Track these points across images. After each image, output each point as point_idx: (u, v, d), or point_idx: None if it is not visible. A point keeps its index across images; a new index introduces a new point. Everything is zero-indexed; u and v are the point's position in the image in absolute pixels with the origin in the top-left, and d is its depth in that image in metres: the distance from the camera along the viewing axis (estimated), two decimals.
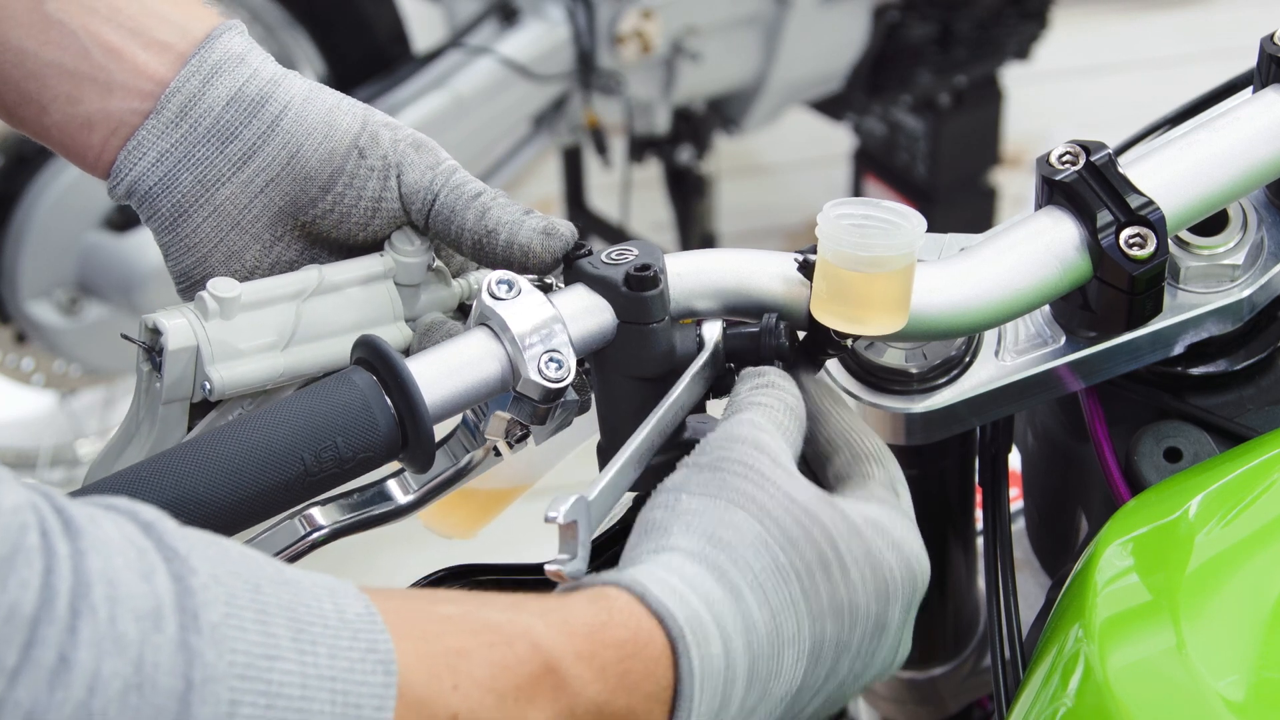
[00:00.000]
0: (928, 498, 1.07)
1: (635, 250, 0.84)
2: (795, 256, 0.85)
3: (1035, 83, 3.45)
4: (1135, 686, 0.78)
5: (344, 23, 2.64)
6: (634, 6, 2.62)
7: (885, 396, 0.93)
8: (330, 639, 0.62)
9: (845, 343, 0.84)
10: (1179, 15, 3.94)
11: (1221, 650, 0.77)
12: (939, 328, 0.86)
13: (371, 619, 0.64)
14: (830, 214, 0.80)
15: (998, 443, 1.01)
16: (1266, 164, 0.88)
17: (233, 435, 0.77)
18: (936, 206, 2.94)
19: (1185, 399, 0.95)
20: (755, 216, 3.36)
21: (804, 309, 0.84)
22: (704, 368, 0.84)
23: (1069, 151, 0.87)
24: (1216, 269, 0.92)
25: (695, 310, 0.85)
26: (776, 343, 0.84)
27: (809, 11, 2.75)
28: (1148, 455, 0.93)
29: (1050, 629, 0.86)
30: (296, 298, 0.87)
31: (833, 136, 3.30)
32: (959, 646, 1.17)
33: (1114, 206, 0.85)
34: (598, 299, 0.83)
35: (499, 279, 0.81)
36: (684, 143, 2.87)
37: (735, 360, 0.85)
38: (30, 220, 2.42)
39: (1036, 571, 1.12)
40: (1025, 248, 0.86)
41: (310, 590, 0.63)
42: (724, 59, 2.75)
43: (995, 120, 3.00)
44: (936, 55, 2.87)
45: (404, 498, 0.86)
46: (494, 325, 0.81)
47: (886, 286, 0.80)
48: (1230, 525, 0.84)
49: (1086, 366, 0.91)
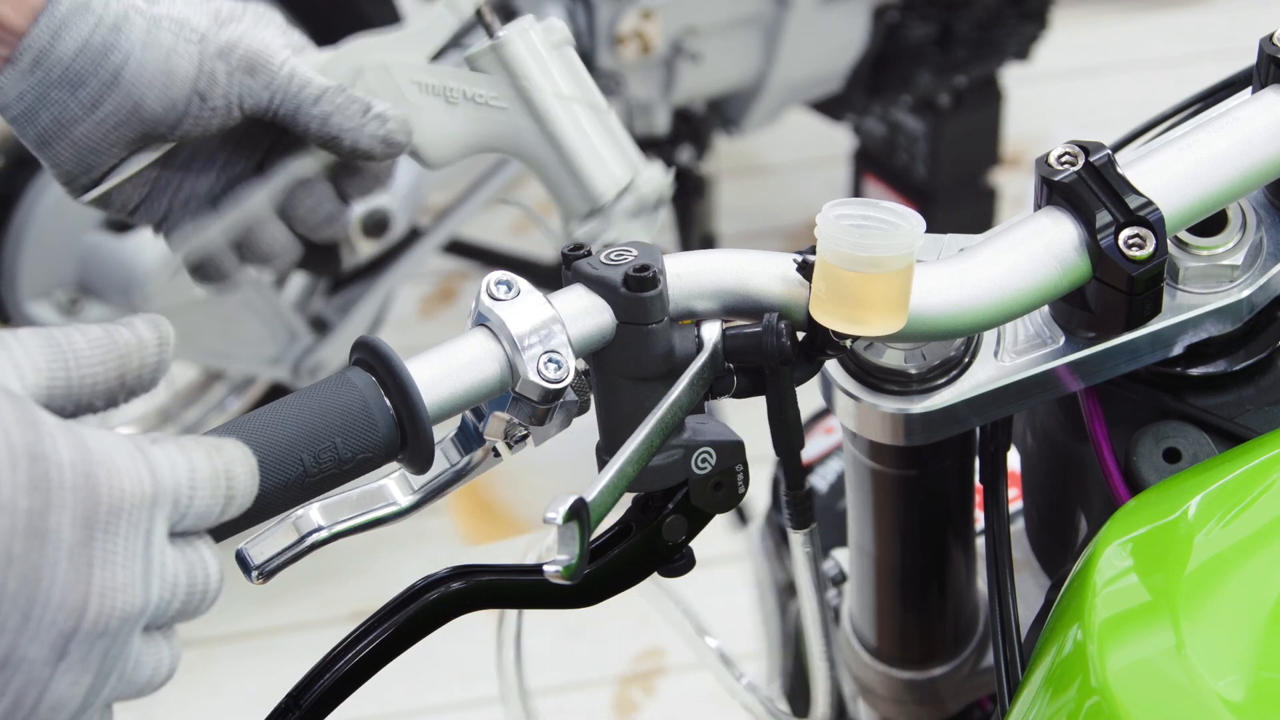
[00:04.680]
0: (927, 497, 1.07)
1: (634, 250, 0.84)
2: (794, 257, 0.85)
3: (1035, 83, 3.45)
4: (1135, 687, 0.78)
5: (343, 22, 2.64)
6: (633, 7, 2.62)
7: (884, 397, 0.93)
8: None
9: (844, 343, 0.84)
10: (1179, 15, 3.94)
11: (1221, 650, 0.77)
12: (938, 328, 0.86)
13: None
14: (829, 214, 0.80)
15: (997, 442, 1.01)
16: (1266, 165, 0.88)
17: (232, 436, 0.76)
18: (936, 207, 2.94)
19: (1185, 399, 0.95)
20: (755, 217, 3.36)
21: (803, 309, 0.84)
22: (703, 368, 0.84)
23: (1068, 152, 0.87)
24: (1216, 269, 0.92)
25: (694, 311, 0.85)
26: (777, 343, 0.84)
27: (809, 12, 2.75)
28: (1147, 456, 0.93)
29: (1050, 629, 0.86)
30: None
31: (832, 137, 3.30)
32: (959, 646, 1.17)
33: (1113, 207, 0.85)
34: (597, 299, 0.83)
35: (498, 280, 0.82)
36: (684, 143, 2.86)
37: (735, 360, 0.85)
38: (30, 220, 2.42)
39: (1036, 572, 1.12)
40: (1024, 248, 0.86)
41: None
42: (724, 59, 2.75)
43: (995, 121, 3.00)
44: (936, 56, 2.87)
45: (404, 499, 0.86)
46: (492, 326, 0.81)
47: (885, 287, 0.80)
48: (1230, 526, 0.84)
49: (1086, 367, 0.91)
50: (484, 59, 1.00)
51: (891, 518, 1.08)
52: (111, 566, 0.64)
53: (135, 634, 0.66)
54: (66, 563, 0.63)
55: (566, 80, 1.01)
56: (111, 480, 0.65)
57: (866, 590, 1.14)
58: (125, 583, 0.65)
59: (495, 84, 1.00)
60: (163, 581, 0.67)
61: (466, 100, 1.00)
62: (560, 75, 1.01)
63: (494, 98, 1.00)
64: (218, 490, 0.69)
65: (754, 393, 0.86)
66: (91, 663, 0.64)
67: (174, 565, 0.67)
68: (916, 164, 2.97)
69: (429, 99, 1.00)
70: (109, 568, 0.64)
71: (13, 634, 0.62)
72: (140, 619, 0.66)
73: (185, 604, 0.68)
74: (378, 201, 2.44)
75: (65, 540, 0.63)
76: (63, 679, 0.64)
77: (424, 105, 1.00)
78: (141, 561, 0.65)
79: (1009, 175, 3.19)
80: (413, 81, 1.00)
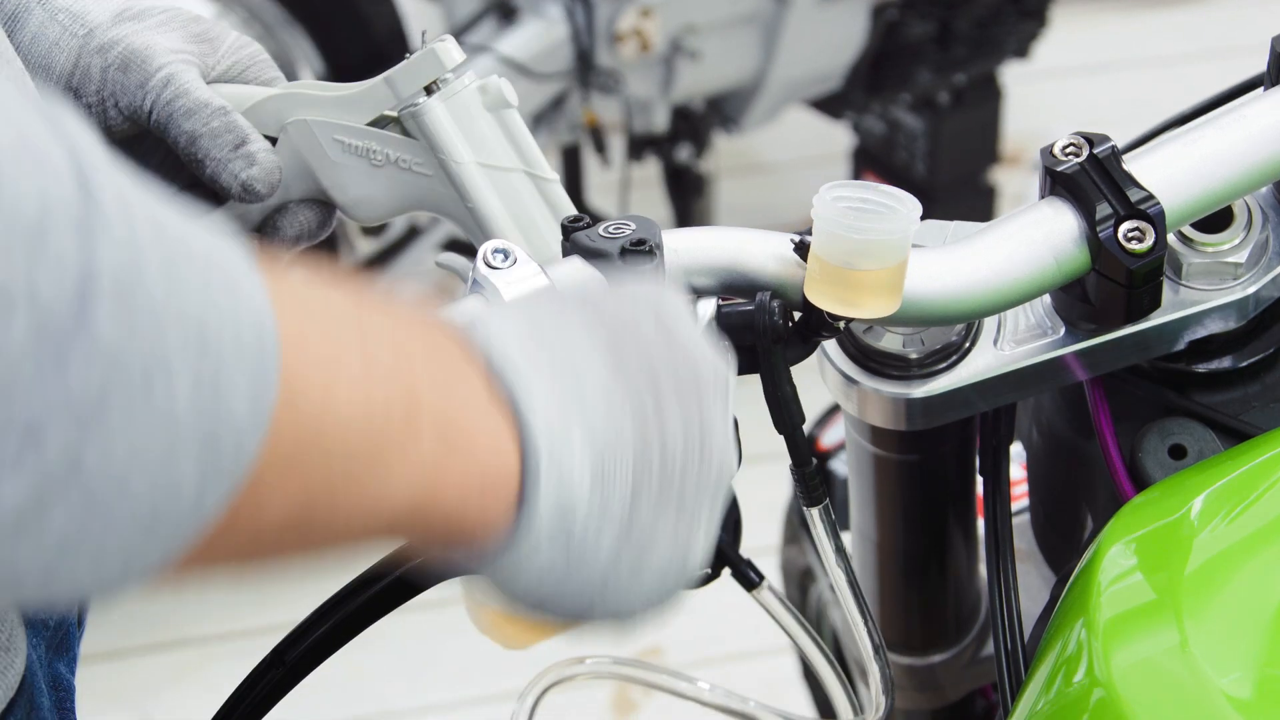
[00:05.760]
0: (928, 482, 1.08)
1: (632, 225, 0.84)
2: (792, 237, 0.85)
3: (1035, 81, 3.45)
4: (1139, 684, 0.78)
5: (343, 21, 2.64)
6: (633, 5, 2.62)
7: (884, 381, 0.93)
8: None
9: (839, 325, 0.84)
10: (1179, 14, 3.94)
11: (1225, 648, 0.77)
12: (934, 313, 0.86)
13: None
14: (826, 196, 0.80)
15: (999, 434, 1.01)
16: (1272, 162, 0.88)
17: None
18: (935, 204, 2.94)
19: (1190, 396, 0.95)
20: (754, 215, 3.35)
21: (799, 289, 0.84)
22: None
23: (1072, 143, 0.87)
24: (1219, 266, 0.92)
25: (691, 286, 0.85)
26: (771, 320, 0.84)
27: (808, 10, 2.75)
28: (1152, 452, 0.93)
29: (1054, 626, 0.86)
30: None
31: (832, 135, 3.29)
32: (959, 634, 1.17)
33: (1114, 199, 0.85)
34: (593, 271, 0.83)
35: (495, 248, 0.82)
36: (683, 141, 2.86)
37: (730, 337, 0.85)
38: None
39: (1041, 564, 1.12)
40: (1024, 237, 0.86)
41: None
42: (723, 57, 2.75)
43: (994, 119, 3.00)
44: (936, 54, 2.87)
45: None
46: (487, 294, 0.81)
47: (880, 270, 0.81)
48: (1234, 523, 0.84)
49: (1085, 359, 0.91)
50: (410, 124, 0.94)
51: (892, 503, 1.08)
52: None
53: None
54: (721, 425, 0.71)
55: (500, 148, 0.94)
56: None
57: (868, 575, 1.15)
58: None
59: (418, 150, 0.94)
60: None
61: (390, 164, 0.94)
62: (492, 143, 0.94)
63: (417, 163, 0.94)
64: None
65: (748, 370, 0.86)
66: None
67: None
68: (916, 162, 2.96)
69: (352, 159, 0.95)
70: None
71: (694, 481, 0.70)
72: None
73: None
74: None
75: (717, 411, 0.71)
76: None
77: (347, 164, 0.95)
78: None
79: (1008, 173, 3.19)
80: (336, 140, 0.94)
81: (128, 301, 0.49)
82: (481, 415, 0.64)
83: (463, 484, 0.63)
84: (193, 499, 0.52)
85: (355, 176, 0.95)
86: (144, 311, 0.50)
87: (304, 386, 0.56)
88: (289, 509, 0.57)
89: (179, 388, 0.51)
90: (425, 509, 0.62)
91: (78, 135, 0.51)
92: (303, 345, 0.56)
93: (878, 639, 0.97)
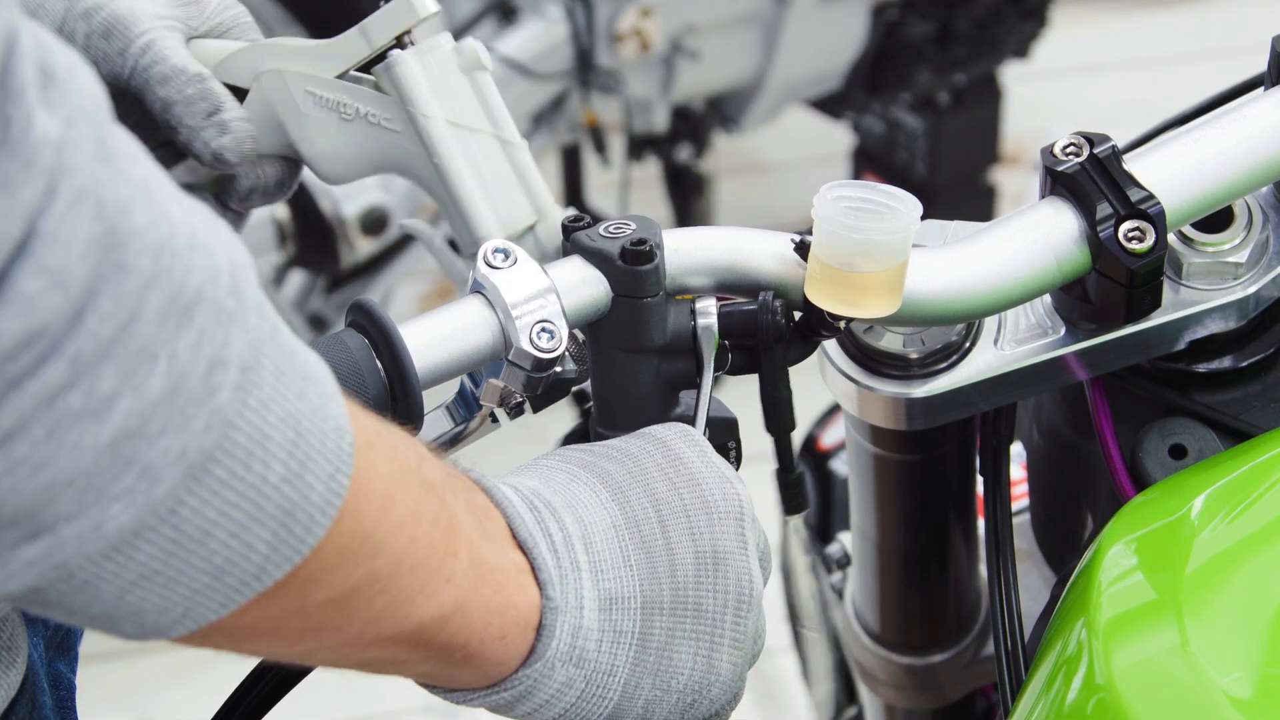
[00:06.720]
0: (928, 482, 1.08)
1: (633, 225, 0.84)
2: (792, 237, 0.85)
3: (1035, 81, 3.45)
4: (1139, 684, 0.78)
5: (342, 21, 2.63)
6: (633, 5, 2.62)
7: (884, 381, 0.93)
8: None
9: (839, 325, 0.84)
10: (1179, 14, 3.94)
11: (1226, 648, 0.77)
12: (935, 313, 0.86)
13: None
14: (827, 196, 0.80)
15: (999, 434, 1.01)
16: (1272, 163, 0.88)
17: None
18: (935, 205, 2.94)
19: (1190, 396, 0.95)
20: (754, 215, 3.35)
21: (800, 289, 0.84)
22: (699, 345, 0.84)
23: (1073, 143, 0.87)
24: (1219, 266, 0.92)
25: (691, 286, 0.85)
26: (771, 320, 0.84)
27: (808, 10, 2.75)
28: (1153, 452, 0.93)
29: (1054, 626, 0.86)
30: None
31: (832, 135, 3.29)
32: (960, 634, 1.17)
33: (1114, 199, 0.85)
34: (593, 271, 0.83)
35: (495, 248, 0.82)
36: (683, 141, 2.86)
37: (730, 337, 0.85)
38: None
39: (1041, 564, 1.12)
40: (1024, 237, 0.86)
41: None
42: (723, 57, 2.75)
43: (994, 119, 3.00)
44: (936, 54, 2.87)
45: None
46: (487, 294, 0.81)
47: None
48: (1235, 523, 0.84)
49: (1085, 359, 0.91)
50: (382, 78, 0.94)
51: (893, 502, 1.09)
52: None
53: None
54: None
55: (471, 109, 0.95)
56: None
57: (868, 575, 1.15)
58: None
59: (389, 105, 0.94)
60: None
61: (360, 118, 0.95)
62: (463, 102, 0.95)
63: (386, 119, 0.94)
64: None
65: (749, 370, 0.86)
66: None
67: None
68: (916, 162, 2.96)
69: (322, 112, 0.95)
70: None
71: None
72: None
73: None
74: (376, 199, 2.44)
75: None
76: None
77: (317, 118, 0.95)
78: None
79: (1008, 173, 3.19)
80: (307, 93, 0.95)
81: (246, 385, 0.58)
82: (507, 550, 0.73)
83: (488, 606, 0.71)
84: (261, 561, 0.60)
85: (324, 129, 0.95)
86: (256, 396, 0.59)
87: (369, 490, 0.64)
88: (337, 591, 0.64)
89: (273, 464, 0.59)
90: (453, 621, 0.70)
91: (235, 248, 0.60)
92: (371, 458, 0.65)
93: (834, 656, 0.99)
